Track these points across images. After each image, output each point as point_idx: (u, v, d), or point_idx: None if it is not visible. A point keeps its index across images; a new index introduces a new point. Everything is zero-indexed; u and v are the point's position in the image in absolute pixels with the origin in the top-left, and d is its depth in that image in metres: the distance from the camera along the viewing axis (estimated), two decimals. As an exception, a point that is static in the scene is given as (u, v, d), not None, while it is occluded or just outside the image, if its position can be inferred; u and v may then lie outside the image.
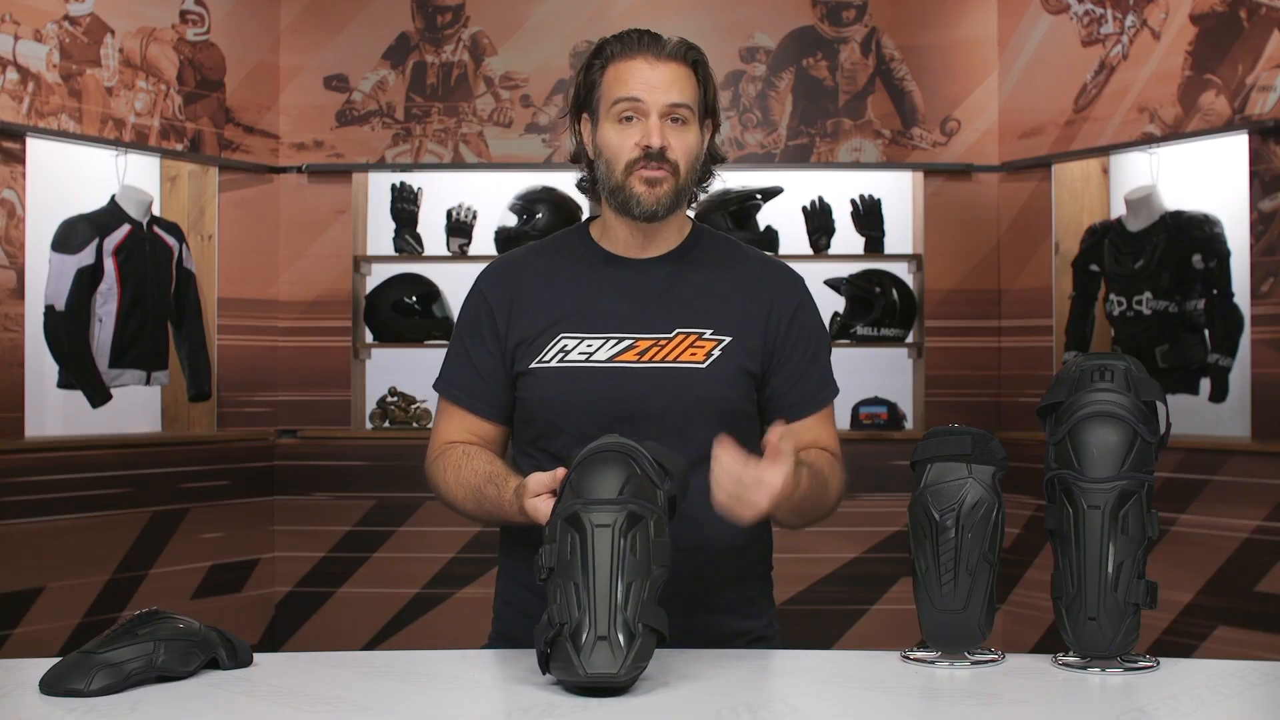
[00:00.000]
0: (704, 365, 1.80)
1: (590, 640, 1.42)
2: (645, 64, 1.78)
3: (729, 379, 1.81)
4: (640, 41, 1.80)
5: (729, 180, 4.81)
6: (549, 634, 1.44)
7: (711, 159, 1.89)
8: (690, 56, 1.81)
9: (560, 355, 1.81)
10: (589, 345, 1.81)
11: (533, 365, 1.82)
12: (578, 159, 1.90)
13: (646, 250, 1.87)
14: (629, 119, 1.78)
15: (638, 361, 1.80)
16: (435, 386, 1.92)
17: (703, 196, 1.94)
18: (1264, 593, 3.92)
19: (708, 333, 1.82)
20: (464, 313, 1.92)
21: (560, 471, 1.58)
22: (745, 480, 1.57)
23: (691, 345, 1.81)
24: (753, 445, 1.66)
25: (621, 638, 1.42)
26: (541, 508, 1.60)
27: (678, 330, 1.82)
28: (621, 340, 1.81)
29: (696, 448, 1.67)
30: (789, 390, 1.85)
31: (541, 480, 1.62)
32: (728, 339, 1.82)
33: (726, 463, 1.58)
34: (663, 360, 1.80)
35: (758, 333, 1.84)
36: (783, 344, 1.85)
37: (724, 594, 1.83)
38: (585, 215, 1.97)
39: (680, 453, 1.59)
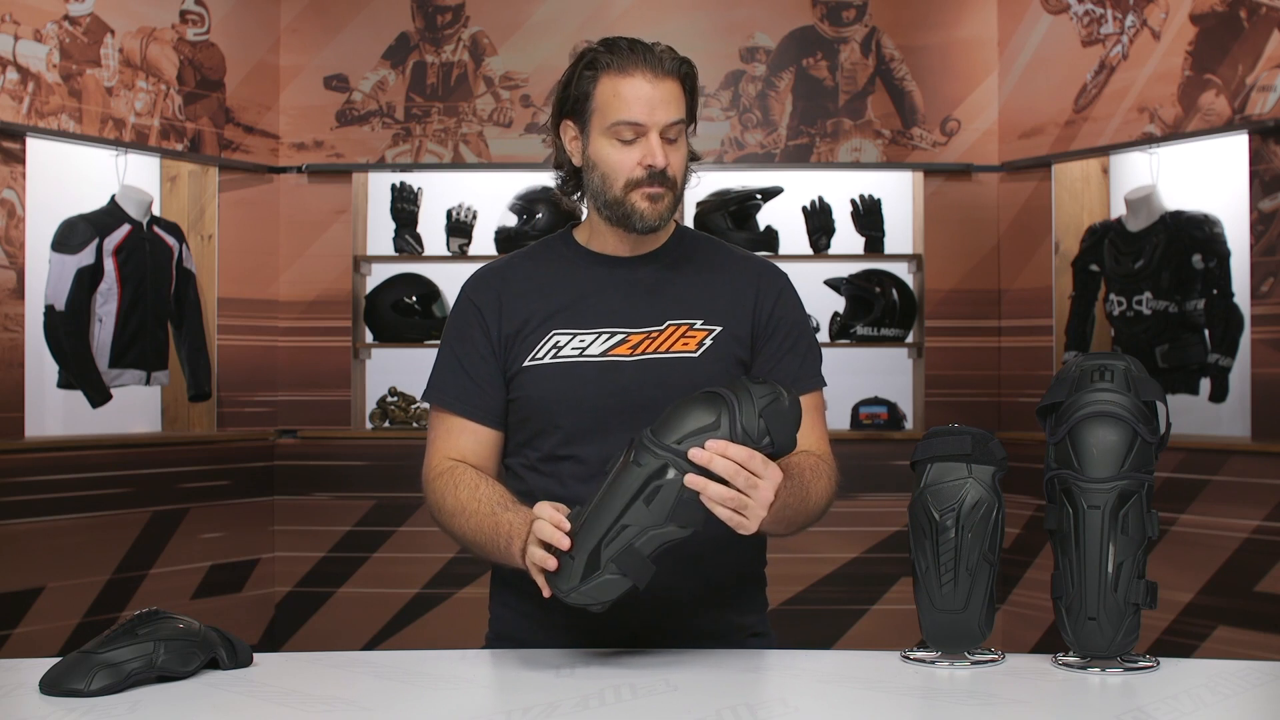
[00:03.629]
0: (696, 354, 1.81)
1: (578, 563, 1.50)
2: (645, 82, 1.76)
3: (722, 367, 1.82)
4: (633, 53, 1.77)
5: (729, 180, 4.82)
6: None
7: (691, 158, 1.90)
8: (683, 70, 1.80)
9: (553, 351, 1.82)
10: (582, 340, 1.81)
11: (526, 363, 1.82)
12: (560, 165, 1.90)
13: (633, 252, 1.88)
14: (628, 140, 1.78)
15: (631, 355, 1.80)
16: (425, 397, 1.89)
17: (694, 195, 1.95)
18: (1264, 593, 3.92)
19: (698, 323, 1.83)
20: (452, 321, 1.91)
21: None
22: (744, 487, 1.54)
23: (683, 336, 1.82)
24: None
25: (584, 567, 1.49)
26: (537, 545, 1.56)
27: (668, 322, 1.83)
28: (614, 334, 1.81)
29: None
30: (768, 374, 1.84)
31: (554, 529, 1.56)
32: (718, 328, 1.83)
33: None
34: (655, 352, 1.80)
35: (746, 322, 1.85)
36: (764, 328, 1.86)
37: (726, 589, 1.84)
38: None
39: None
